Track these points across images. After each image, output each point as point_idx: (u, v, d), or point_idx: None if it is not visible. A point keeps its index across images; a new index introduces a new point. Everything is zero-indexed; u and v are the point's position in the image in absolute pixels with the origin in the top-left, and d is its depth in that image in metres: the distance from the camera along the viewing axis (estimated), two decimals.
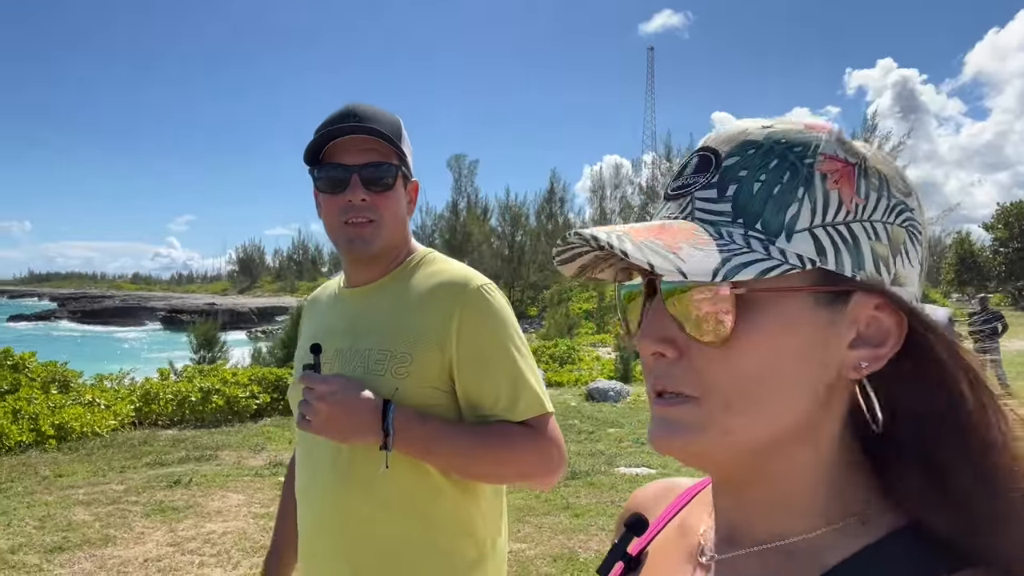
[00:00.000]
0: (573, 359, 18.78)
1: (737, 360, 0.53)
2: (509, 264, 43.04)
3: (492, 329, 1.39)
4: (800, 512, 0.57)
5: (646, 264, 0.50)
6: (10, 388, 8.68)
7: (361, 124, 1.41)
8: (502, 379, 1.37)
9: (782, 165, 0.54)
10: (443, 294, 1.40)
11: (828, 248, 0.53)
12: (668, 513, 0.74)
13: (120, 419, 8.88)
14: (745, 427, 0.54)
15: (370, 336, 1.42)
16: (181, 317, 54.86)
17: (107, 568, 4.05)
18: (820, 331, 0.53)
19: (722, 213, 0.54)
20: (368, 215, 1.42)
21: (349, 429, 1.30)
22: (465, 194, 50.91)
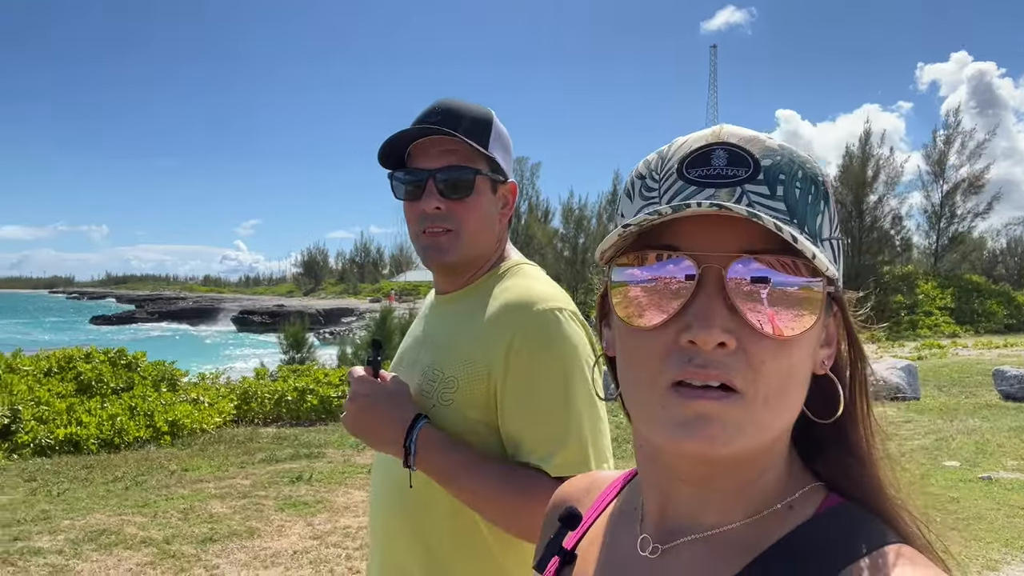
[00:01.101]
0: None
1: (789, 355, 0.54)
2: (572, 266, 42.95)
3: (548, 362, 1.21)
4: (750, 499, 0.59)
5: (810, 254, 0.52)
6: (125, 386, 9.16)
7: (438, 124, 1.30)
8: (548, 423, 1.20)
9: (806, 178, 0.58)
10: (502, 316, 1.25)
11: (838, 257, 0.60)
12: (598, 506, 0.75)
13: (223, 416, 9.28)
14: (776, 421, 0.56)
15: (434, 350, 1.34)
16: (252, 318, 56.62)
17: (260, 559, 4.28)
18: (820, 331, 0.58)
19: (779, 211, 0.56)
20: (445, 224, 1.31)
21: (373, 437, 1.26)
22: (527, 196, 51.09)
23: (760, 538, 0.58)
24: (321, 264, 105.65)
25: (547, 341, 1.21)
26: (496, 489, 1.19)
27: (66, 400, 8.23)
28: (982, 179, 30.03)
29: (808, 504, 0.59)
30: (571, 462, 1.17)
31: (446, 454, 1.20)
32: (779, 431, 0.57)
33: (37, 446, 7.35)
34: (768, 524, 0.59)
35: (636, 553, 0.64)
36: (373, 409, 1.23)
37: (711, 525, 0.60)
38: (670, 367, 0.54)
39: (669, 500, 0.62)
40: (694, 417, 0.53)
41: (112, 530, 4.71)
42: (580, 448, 1.19)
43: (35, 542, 4.48)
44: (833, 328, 0.61)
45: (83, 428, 7.63)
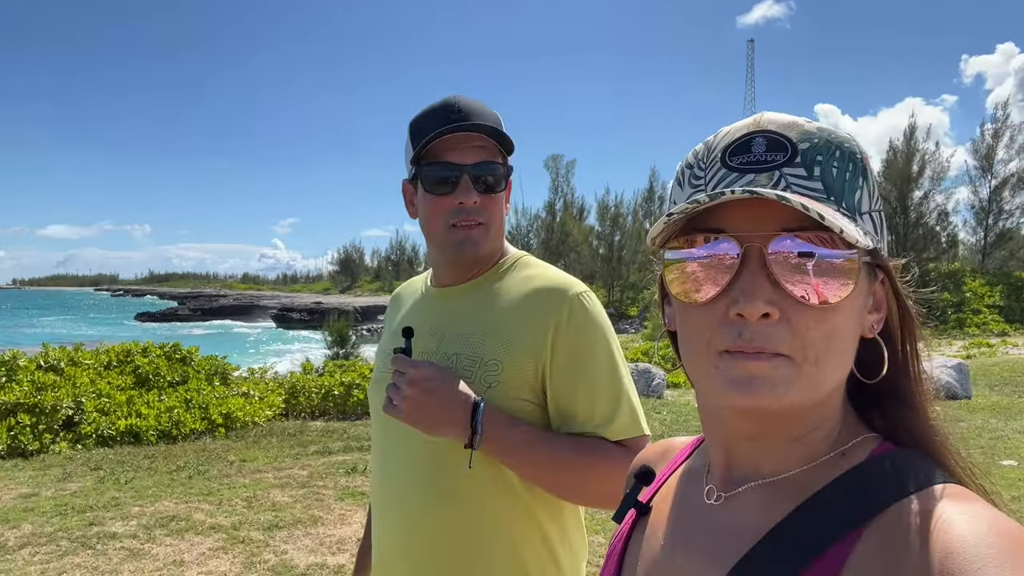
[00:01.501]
0: None
1: (832, 321, 0.59)
2: (608, 264, 42.80)
3: (592, 339, 1.31)
4: (807, 450, 0.64)
5: (837, 229, 0.56)
6: (180, 380, 9.42)
7: (472, 120, 1.33)
8: (600, 393, 1.28)
9: (844, 156, 0.62)
10: (540, 300, 1.32)
11: (879, 228, 0.64)
12: (672, 466, 0.82)
13: (273, 410, 9.49)
14: (826, 379, 0.60)
15: (459, 340, 1.35)
16: (291, 315, 57.54)
17: (327, 545, 4.40)
18: (866, 298, 0.63)
19: (816, 190, 0.61)
20: (478, 218, 1.35)
21: (436, 420, 1.24)
22: (562, 194, 51.05)
23: (812, 482, 0.63)
24: (357, 262, 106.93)
25: (588, 320, 1.31)
26: (566, 459, 1.23)
27: (125, 393, 8.51)
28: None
29: (861, 451, 0.64)
30: (626, 425, 1.27)
31: (511, 430, 1.24)
32: (829, 389, 0.62)
33: (99, 436, 7.61)
34: (822, 470, 0.63)
35: (703, 502, 0.71)
36: (437, 393, 1.23)
37: (770, 473, 0.65)
38: (721, 338, 0.60)
39: (732, 455, 0.69)
40: (746, 376, 0.58)
41: (181, 516, 4.88)
42: (631, 411, 1.29)
43: (109, 527, 4.66)
44: (881, 294, 0.65)
45: (142, 420, 7.88)
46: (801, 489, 0.63)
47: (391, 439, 1.39)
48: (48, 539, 4.41)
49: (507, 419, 1.25)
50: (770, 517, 0.63)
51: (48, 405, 7.49)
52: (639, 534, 0.78)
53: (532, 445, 1.24)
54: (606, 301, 41.22)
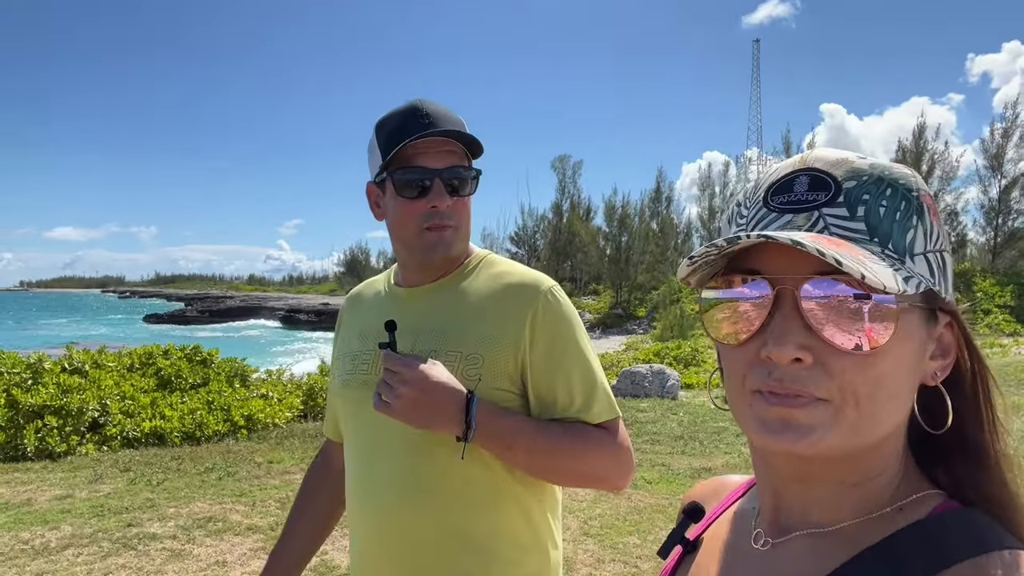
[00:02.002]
0: (697, 361, 18.61)
1: (872, 367, 0.57)
2: (616, 265, 42.80)
3: (566, 330, 1.38)
4: (860, 501, 0.62)
5: (858, 275, 0.53)
6: (201, 381, 9.49)
7: (440, 126, 1.36)
8: (577, 380, 1.36)
9: (896, 194, 0.59)
10: (515, 295, 1.38)
11: (936, 271, 0.60)
12: (723, 505, 0.80)
13: (293, 411, 9.55)
14: (868, 428, 0.58)
15: (436, 336, 1.38)
16: (299, 316, 57.69)
17: None
18: (921, 344, 0.60)
19: (857, 231, 0.58)
20: (449, 221, 1.39)
21: (431, 417, 1.26)
22: (569, 195, 51.06)
23: (865, 537, 0.60)
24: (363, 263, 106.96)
25: (561, 312, 1.38)
26: (557, 444, 1.30)
27: (149, 395, 8.58)
28: None
29: (920, 508, 0.61)
30: (604, 408, 1.36)
31: (503, 420, 1.29)
32: (876, 437, 0.59)
33: (124, 438, 7.68)
34: (875, 525, 0.61)
35: (750, 546, 0.69)
36: (432, 390, 1.25)
37: (819, 523, 0.63)
38: (754, 377, 0.59)
39: (781, 499, 0.67)
40: (777, 419, 0.57)
41: (218, 517, 4.93)
42: (606, 396, 1.38)
43: (147, 528, 4.72)
44: (950, 339, 0.62)
45: (166, 422, 7.95)
46: (853, 542, 0.60)
47: (370, 438, 1.41)
48: (89, 540, 4.47)
49: (497, 410, 1.30)
50: (818, 569, 0.61)
51: (74, 407, 7.56)
52: (683, 572, 0.77)
53: (522, 433, 1.29)
54: (613, 301, 41.22)
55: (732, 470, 6.59)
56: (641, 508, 5.23)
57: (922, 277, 0.58)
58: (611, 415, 1.37)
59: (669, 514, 5.11)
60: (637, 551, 4.34)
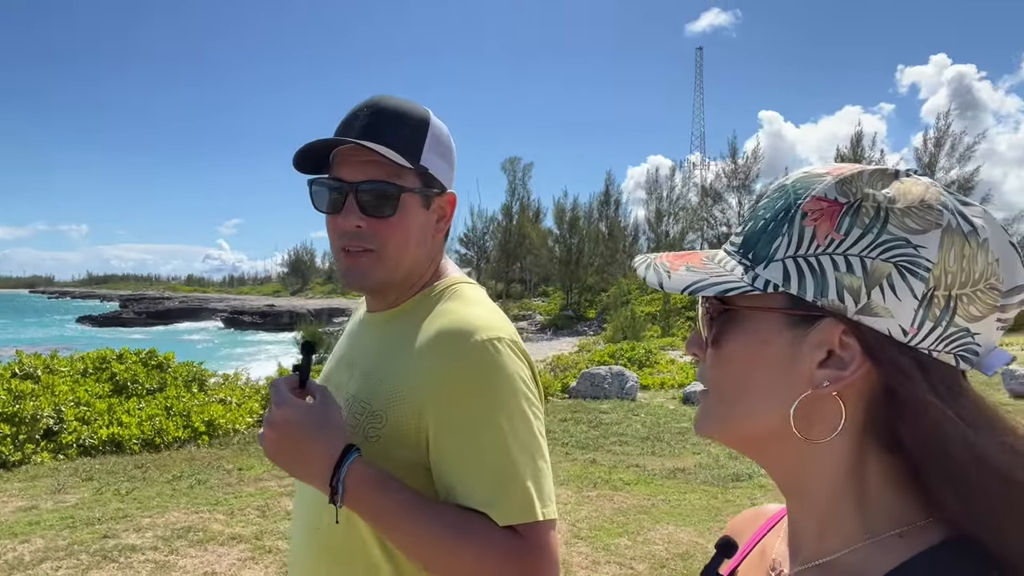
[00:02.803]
0: (651, 362, 18.90)
1: (724, 363, 0.65)
2: (566, 266, 43.16)
3: (486, 397, 1.10)
4: (839, 528, 0.61)
5: (641, 278, 0.66)
6: (158, 386, 9.21)
7: (363, 130, 1.16)
8: (485, 465, 1.08)
9: (784, 206, 0.62)
10: (434, 347, 1.13)
11: (793, 275, 0.60)
12: (756, 537, 0.80)
13: (253, 416, 9.36)
14: (733, 418, 0.65)
15: (362, 379, 1.20)
16: (243, 318, 56.37)
17: None
18: (787, 348, 0.61)
19: (736, 244, 0.65)
20: (365, 244, 1.18)
21: (295, 467, 1.09)
22: (519, 197, 51.26)
23: (865, 569, 0.59)
24: (308, 264, 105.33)
25: (484, 376, 1.11)
26: (442, 539, 1.06)
27: (105, 400, 8.29)
28: (972, 181, 30.55)
29: (923, 537, 0.58)
30: (519, 507, 1.08)
31: (382, 494, 1.06)
32: (750, 430, 0.65)
33: (81, 446, 7.40)
34: (874, 553, 0.59)
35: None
36: (297, 439, 1.06)
37: (819, 553, 0.63)
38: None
39: (794, 526, 0.67)
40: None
41: (198, 527, 4.81)
42: (524, 493, 1.08)
43: (124, 539, 4.57)
44: (853, 347, 0.58)
45: (124, 428, 7.68)
46: (852, 574, 0.59)
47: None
48: (65, 553, 4.31)
49: (381, 480, 1.07)
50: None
51: (28, 414, 7.26)
52: None
53: (404, 513, 1.05)
54: (564, 303, 41.54)
55: (703, 470, 6.74)
56: (625, 509, 5.31)
57: (768, 281, 0.61)
58: (527, 518, 1.07)
59: (653, 515, 5.21)
60: (630, 552, 4.42)
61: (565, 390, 12.16)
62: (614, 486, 6.02)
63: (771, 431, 0.63)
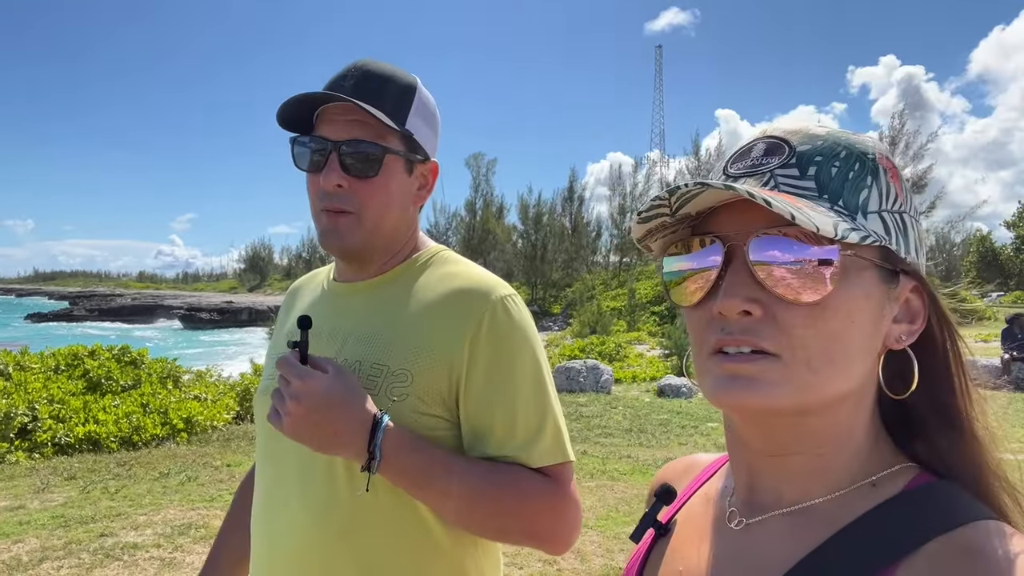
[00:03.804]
0: (620, 356, 19.10)
1: (824, 321, 0.57)
2: (531, 262, 43.27)
3: (516, 349, 1.14)
4: (830, 475, 0.61)
5: (787, 214, 0.53)
6: (132, 383, 8.98)
7: (350, 89, 1.16)
8: (521, 411, 1.12)
9: (851, 156, 0.60)
10: (459, 302, 1.15)
11: (893, 230, 0.60)
12: (694, 485, 0.79)
13: (229, 413, 9.20)
14: (821, 385, 0.57)
15: (363, 344, 1.16)
16: (200, 315, 55.18)
17: None
18: (880, 304, 0.59)
19: (807, 188, 0.59)
20: (345, 205, 1.17)
21: (325, 440, 1.05)
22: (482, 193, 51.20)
23: (841, 514, 0.59)
24: (266, 260, 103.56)
25: (513, 328, 1.15)
26: (480, 490, 1.07)
27: (79, 398, 8.05)
28: (925, 179, 31.48)
29: (895, 482, 0.60)
30: (549, 449, 1.12)
31: (416, 454, 1.06)
32: (830, 396, 0.58)
33: (56, 444, 7.18)
34: (850, 501, 0.60)
35: (725, 526, 0.68)
36: (325, 411, 1.03)
37: (793, 501, 0.62)
38: (709, 335, 0.60)
39: (755, 476, 0.66)
40: (728, 375, 0.58)
41: (198, 524, 4.71)
42: (556, 434, 1.13)
43: (124, 537, 4.45)
44: (918, 304, 0.62)
45: (101, 426, 7.48)
46: (828, 521, 0.60)
47: (279, 459, 1.18)
48: (64, 552, 4.18)
49: (412, 440, 1.07)
50: (796, 549, 0.60)
51: (1, 412, 7.01)
52: (657, 556, 0.75)
53: (440, 472, 1.06)
54: (529, 299, 41.68)
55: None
56: (628, 499, 5.37)
57: (875, 233, 0.58)
58: (558, 459, 1.12)
59: None
60: None
61: None
62: (611, 476, 6.08)
63: (849, 393, 0.60)
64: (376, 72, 1.19)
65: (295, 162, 1.21)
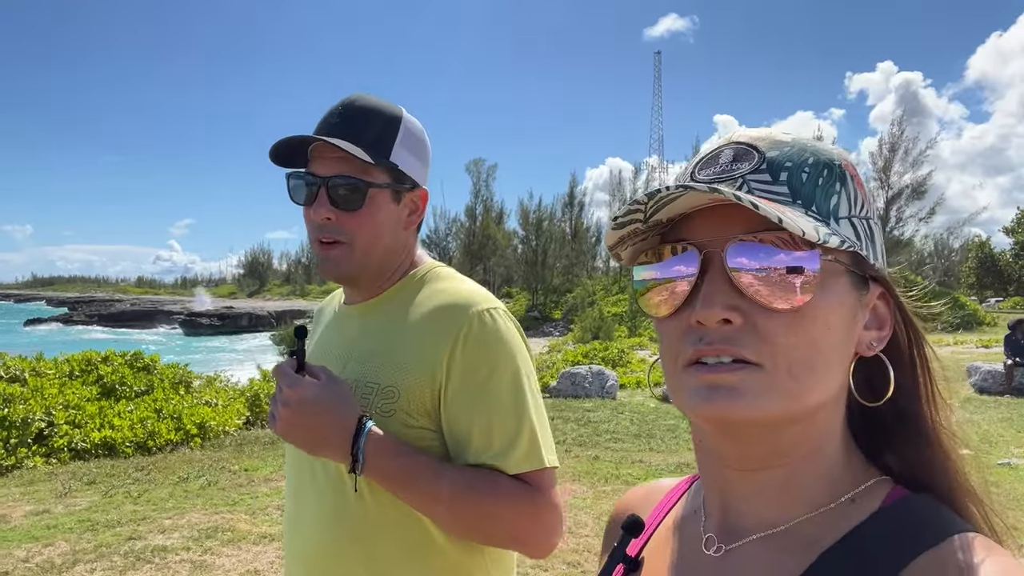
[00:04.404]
0: (624, 362, 19.16)
1: (803, 328, 0.56)
2: (532, 267, 43.35)
3: (493, 358, 1.20)
4: (807, 491, 0.60)
5: (775, 218, 0.52)
6: (146, 388, 9.06)
7: (336, 127, 1.24)
8: (497, 419, 1.18)
9: (818, 163, 0.60)
10: (440, 317, 1.22)
11: (862, 236, 0.60)
12: (660, 513, 0.75)
13: (240, 418, 9.27)
14: (802, 393, 0.56)
15: (361, 364, 1.25)
16: (200, 320, 55.16)
17: None
18: (853, 310, 0.59)
19: (781, 194, 0.58)
20: (335, 235, 1.25)
21: (313, 443, 1.15)
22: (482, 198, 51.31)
23: (823, 534, 0.58)
24: (265, 265, 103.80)
25: (490, 338, 1.20)
26: (460, 494, 1.13)
27: (94, 403, 8.12)
28: (925, 185, 31.69)
29: (872, 498, 0.59)
30: (525, 456, 1.17)
31: (399, 458, 1.14)
32: (809, 405, 0.57)
33: (72, 449, 7.25)
34: (830, 519, 0.59)
35: (702, 553, 0.65)
36: (313, 416, 1.13)
37: (772, 522, 0.61)
38: (686, 346, 0.57)
39: (729, 497, 0.64)
40: (708, 386, 0.56)
41: (224, 527, 4.78)
42: (532, 441, 1.18)
43: (152, 541, 4.53)
44: (884, 310, 0.61)
45: (116, 431, 7.55)
46: (811, 543, 0.58)
47: (298, 467, 1.31)
48: (95, 555, 4.26)
49: (396, 446, 1.15)
50: (781, 574, 0.59)
51: (18, 418, 7.08)
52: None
53: (427, 476, 1.14)
54: (530, 304, 41.76)
55: None
56: None
57: (848, 238, 0.58)
58: (534, 465, 1.17)
59: None
60: None
61: (546, 389, 12.29)
62: (625, 480, 6.16)
63: (826, 401, 0.59)
64: (361, 108, 1.26)
65: (291, 196, 1.29)
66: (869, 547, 0.56)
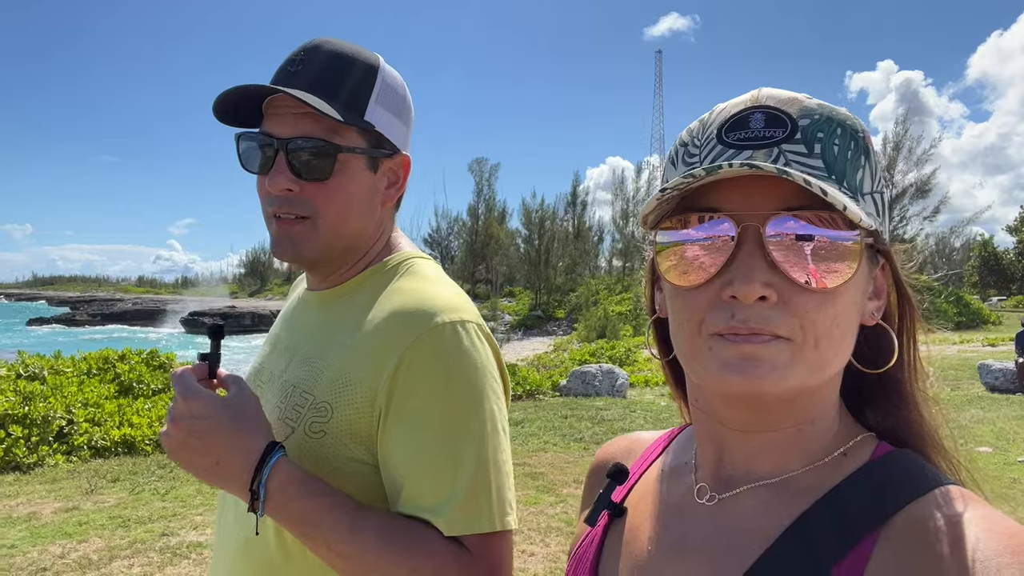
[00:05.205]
0: (630, 360, 19.19)
1: (833, 304, 0.56)
2: (535, 267, 43.38)
3: (446, 387, 0.96)
4: (806, 448, 0.62)
5: (841, 206, 0.53)
6: (163, 386, 9.08)
7: (296, 75, 1.01)
8: (436, 464, 0.94)
9: (846, 134, 0.59)
10: (391, 327, 0.98)
11: (882, 211, 0.61)
12: (643, 463, 0.77)
13: None
14: (825, 364, 0.58)
15: (303, 366, 1.04)
16: (203, 320, 55.22)
17: None
18: (866, 282, 0.60)
19: (816, 168, 0.57)
20: (297, 210, 1.02)
21: (206, 470, 0.93)
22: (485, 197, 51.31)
23: (818, 483, 0.61)
24: (266, 264, 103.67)
25: (445, 361, 0.96)
26: (374, 552, 0.90)
27: (113, 401, 8.15)
28: (929, 184, 31.70)
29: (862, 451, 0.62)
30: (471, 516, 0.94)
31: (307, 499, 0.91)
32: (828, 375, 0.59)
33: (92, 447, 7.28)
34: (825, 471, 0.61)
35: (693, 501, 0.67)
36: (207, 436, 0.91)
37: (767, 474, 0.63)
38: (714, 319, 0.57)
39: (725, 451, 0.65)
40: (741, 358, 0.56)
41: None
42: (476, 498, 0.94)
43: (186, 537, 4.55)
44: (882, 280, 0.63)
45: (135, 429, 7.58)
46: (806, 490, 0.60)
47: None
48: (130, 551, 4.28)
49: (305, 482, 0.92)
50: (778, 518, 0.60)
51: (39, 416, 7.10)
52: (615, 537, 0.72)
53: (330, 520, 0.90)
54: (532, 303, 41.78)
55: None
56: None
57: (873, 215, 0.59)
58: (475, 528, 0.93)
59: None
60: None
61: (555, 388, 12.31)
62: None
63: (835, 374, 0.61)
64: (329, 54, 1.03)
65: (241, 162, 1.05)
66: (861, 495, 0.58)
